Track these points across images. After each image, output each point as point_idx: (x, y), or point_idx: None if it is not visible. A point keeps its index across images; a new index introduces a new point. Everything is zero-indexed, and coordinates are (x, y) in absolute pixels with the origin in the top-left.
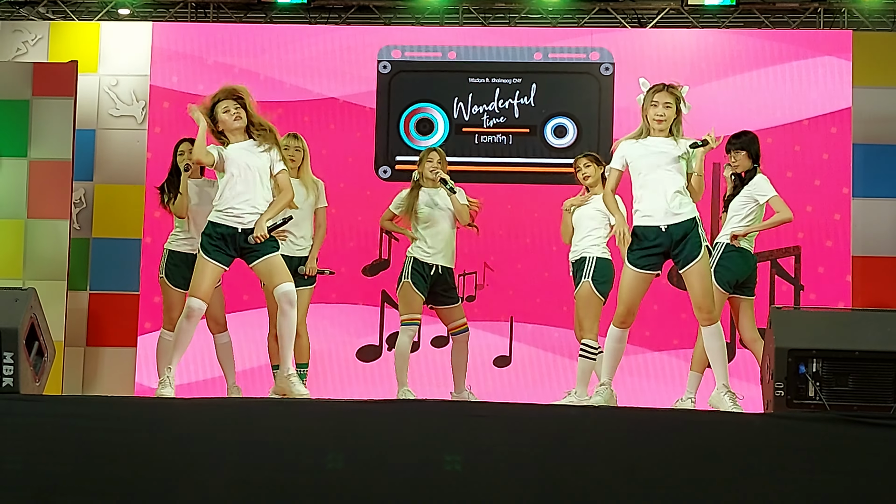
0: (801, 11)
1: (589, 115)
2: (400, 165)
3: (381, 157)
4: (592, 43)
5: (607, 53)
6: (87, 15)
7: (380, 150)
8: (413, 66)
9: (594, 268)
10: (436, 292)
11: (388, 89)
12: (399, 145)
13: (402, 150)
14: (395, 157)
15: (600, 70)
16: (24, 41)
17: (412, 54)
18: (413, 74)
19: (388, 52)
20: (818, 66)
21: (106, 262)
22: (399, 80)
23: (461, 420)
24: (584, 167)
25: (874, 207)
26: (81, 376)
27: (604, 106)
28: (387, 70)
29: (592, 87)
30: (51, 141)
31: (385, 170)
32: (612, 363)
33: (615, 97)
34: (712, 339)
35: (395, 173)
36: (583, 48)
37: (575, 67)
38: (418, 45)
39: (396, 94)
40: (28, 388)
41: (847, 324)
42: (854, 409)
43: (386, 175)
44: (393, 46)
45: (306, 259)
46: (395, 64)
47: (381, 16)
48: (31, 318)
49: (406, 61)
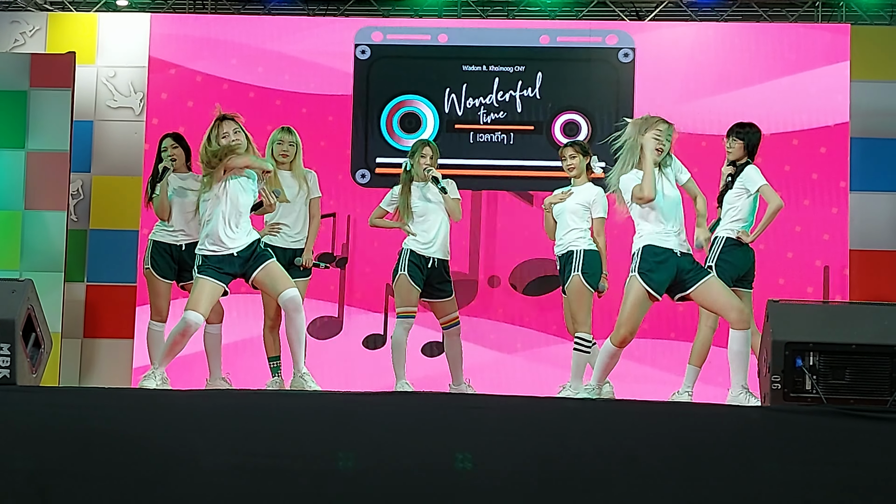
0: (800, 5)
1: (605, 110)
2: (381, 169)
3: (359, 159)
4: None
5: (627, 37)
6: (85, 6)
7: (357, 150)
8: (396, 52)
9: (582, 260)
10: (431, 285)
11: (367, 78)
12: (380, 145)
13: (383, 151)
14: (376, 158)
15: (618, 56)
16: (22, 32)
17: (395, 37)
18: (396, 61)
19: (368, 34)
20: (816, 61)
21: (103, 253)
22: (380, 68)
23: (460, 412)
24: (570, 158)
25: (872, 201)
26: (78, 368)
27: (622, 99)
28: (365, 56)
29: (609, 77)
30: (48, 132)
31: (363, 174)
32: (604, 371)
33: (636, 89)
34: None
35: (375, 178)
36: (598, 31)
37: (588, 54)
38: (402, 26)
39: (377, 85)
40: (25, 380)
41: (844, 317)
42: (851, 403)
43: (364, 180)
44: (373, 28)
45: (301, 251)
46: (374, 49)
47: (380, 8)
48: (28, 309)
49: (388, 45)
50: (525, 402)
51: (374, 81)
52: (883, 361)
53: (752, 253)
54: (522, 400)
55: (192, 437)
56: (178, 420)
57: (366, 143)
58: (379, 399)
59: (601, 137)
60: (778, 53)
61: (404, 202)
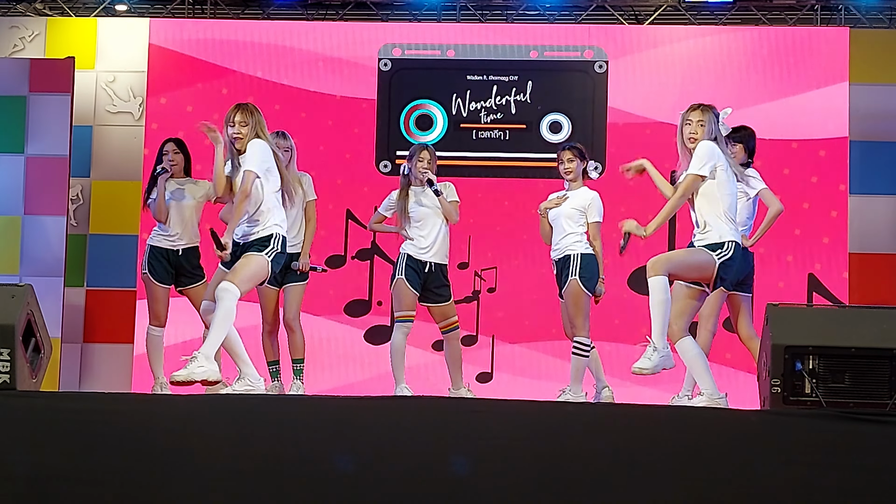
0: (799, 8)
1: (583, 112)
2: (400, 160)
3: (382, 152)
4: (589, 40)
5: (601, 52)
6: (84, 11)
7: (380, 145)
8: (413, 64)
9: (580, 264)
10: (428, 289)
11: (389, 86)
12: (399, 140)
13: (402, 145)
14: (396, 151)
15: (594, 68)
16: (21, 37)
17: (412, 52)
18: (413, 72)
19: (389, 50)
20: (815, 64)
21: (103, 258)
22: (399, 78)
23: (460, 416)
24: (568, 161)
25: (871, 204)
26: (78, 373)
27: (597, 102)
28: (387, 68)
29: (587, 85)
30: (48, 137)
31: (385, 164)
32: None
33: (609, 94)
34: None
35: (396, 168)
36: (577, 46)
37: (570, 65)
38: (418, 43)
39: (397, 91)
40: (25, 385)
41: (843, 320)
42: (850, 406)
43: (387, 170)
44: (393, 45)
45: (298, 255)
46: (395, 62)
47: (379, 12)
48: (28, 314)
49: (406, 59)
50: (524, 407)
51: (395, 89)
52: (882, 364)
53: (751, 257)
54: (522, 404)
55: (192, 442)
56: (178, 424)
57: (388, 139)
58: (378, 403)
59: (580, 134)
60: (777, 57)
61: (402, 207)
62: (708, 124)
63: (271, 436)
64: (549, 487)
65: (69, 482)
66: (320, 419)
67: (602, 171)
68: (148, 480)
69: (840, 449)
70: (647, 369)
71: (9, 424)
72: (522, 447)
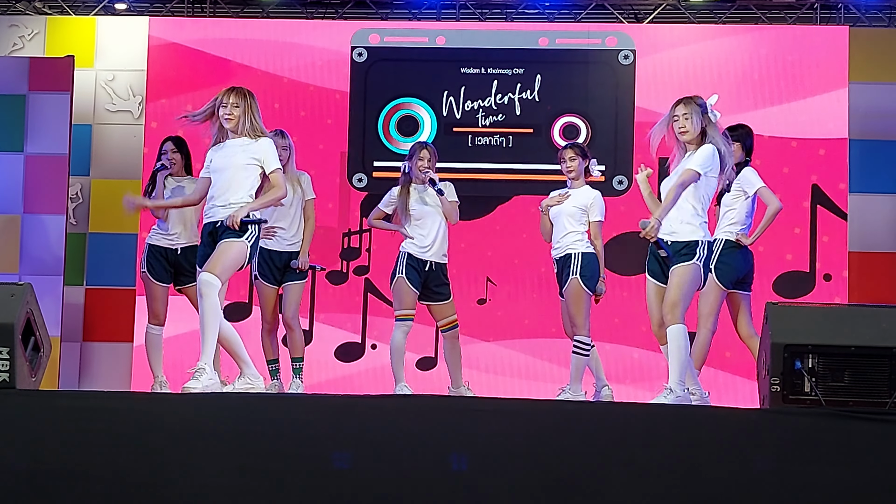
0: (798, 7)
1: (604, 112)
2: (378, 173)
3: (356, 163)
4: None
5: (627, 38)
6: (84, 10)
7: (354, 154)
8: (394, 54)
9: (581, 263)
10: (428, 288)
11: (365, 81)
12: (377, 149)
13: (380, 154)
14: (373, 162)
15: (619, 58)
16: (21, 36)
17: (392, 39)
18: (394, 63)
19: (365, 36)
20: (815, 62)
21: (102, 257)
22: (377, 71)
23: (460, 414)
24: (570, 160)
25: (870, 203)
26: (77, 371)
27: (622, 102)
28: (362, 58)
29: (609, 79)
30: (47, 136)
31: (360, 178)
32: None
33: (636, 91)
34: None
35: (372, 182)
36: (597, 33)
37: (588, 56)
38: (400, 28)
39: (374, 88)
40: (24, 384)
41: (843, 319)
42: (850, 405)
43: (361, 184)
44: (370, 30)
45: (297, 254)
46: (372, 51)
47: (378, 11)
48: (27, 313)
49: (385, 48)
50: (524, 405)
51: (372, 84)
52: (882, 363)
53: (751, 255)
54: (521, 403)
55: (192, 440)
56: (177, 423)
57: (363, 146)
58: (378, 402)
59: (601, 140)
60: (777, 56)
61: (403, 205)
62: (693, 116)
63: (271, 434)
64: (548, 486)
65: (68, 481)
66: (320, 417)
67: (629, 185)
68: (147, 479)
69: (839, 447)
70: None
71: (8, 423)
72: (522, 446)
